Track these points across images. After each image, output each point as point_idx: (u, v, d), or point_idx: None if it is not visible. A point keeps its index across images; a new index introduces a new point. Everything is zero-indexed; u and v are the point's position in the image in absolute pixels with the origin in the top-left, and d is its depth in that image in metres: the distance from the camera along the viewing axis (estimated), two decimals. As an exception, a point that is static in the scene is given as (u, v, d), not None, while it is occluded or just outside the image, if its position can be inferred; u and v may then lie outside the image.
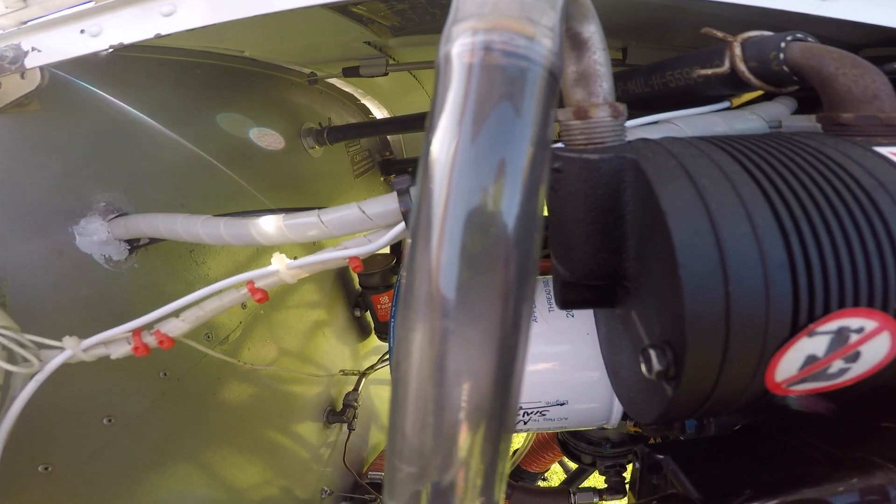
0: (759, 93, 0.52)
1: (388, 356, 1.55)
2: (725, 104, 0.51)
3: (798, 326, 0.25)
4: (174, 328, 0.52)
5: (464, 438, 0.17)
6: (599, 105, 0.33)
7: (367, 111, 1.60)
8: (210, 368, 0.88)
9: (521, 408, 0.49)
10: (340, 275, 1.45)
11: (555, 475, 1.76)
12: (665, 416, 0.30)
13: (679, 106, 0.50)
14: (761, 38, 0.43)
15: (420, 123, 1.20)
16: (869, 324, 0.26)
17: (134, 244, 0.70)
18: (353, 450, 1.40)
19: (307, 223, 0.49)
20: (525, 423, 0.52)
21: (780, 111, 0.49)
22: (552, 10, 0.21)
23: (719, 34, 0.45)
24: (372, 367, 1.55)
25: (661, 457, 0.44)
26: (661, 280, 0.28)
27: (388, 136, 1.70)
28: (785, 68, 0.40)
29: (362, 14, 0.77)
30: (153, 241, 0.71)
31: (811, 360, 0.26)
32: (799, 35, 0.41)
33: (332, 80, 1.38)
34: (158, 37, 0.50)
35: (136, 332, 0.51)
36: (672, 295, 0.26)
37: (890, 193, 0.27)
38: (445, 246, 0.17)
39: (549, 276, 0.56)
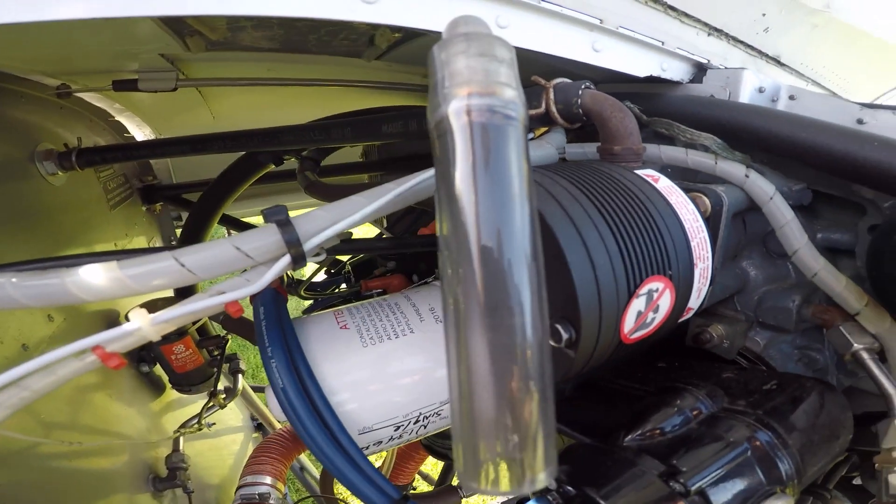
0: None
1: (211, 407, 1.34)
2: (530, 136, 0.66)
3: (630, 292, 0.38)
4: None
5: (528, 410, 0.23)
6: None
7: (123, 129, 1.36)
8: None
9: (420, 413, 0.53)
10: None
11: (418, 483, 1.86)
12: (567, 376, 0.40)
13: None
14: (565, 84, 0.56)
15: (216, 145, 1.02)
16: (660, 285, 0.40)
17: None
18: (201, 512, 1.21)
19: (162, 269, 0.41)
20: (425, 428, 0.54)
21: (561, 140, 0.67)
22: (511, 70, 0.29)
23: (542, 81, 0.58)
24: (191, 421, 1.34)
25: None
26: (554, 270, 0.38)
27: (149, 160, 1.45)
28: (580, 111, 0.55)
29: (189, 24, 0.66)
30: None
31: (639, 314, 0.40)
32: (588, 84, 0.56)
33: (81, 94, 1.12)
34: None
35: None
36: (565, 281, 0.36)
37: (653, 202, 0.43)
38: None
39: (419, 289, 0.62)
